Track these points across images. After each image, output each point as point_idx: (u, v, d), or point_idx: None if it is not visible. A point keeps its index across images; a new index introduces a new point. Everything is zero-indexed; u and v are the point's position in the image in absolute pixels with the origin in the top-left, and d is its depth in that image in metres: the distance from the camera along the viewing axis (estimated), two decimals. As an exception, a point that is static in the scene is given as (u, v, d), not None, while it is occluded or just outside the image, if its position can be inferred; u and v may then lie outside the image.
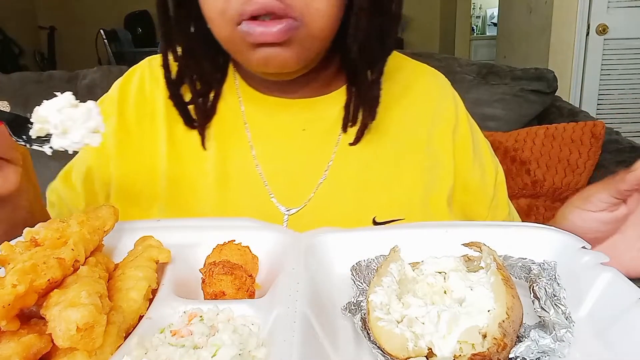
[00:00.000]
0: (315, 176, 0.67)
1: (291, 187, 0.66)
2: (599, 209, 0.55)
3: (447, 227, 0.54)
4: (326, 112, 0.69)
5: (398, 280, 0.44)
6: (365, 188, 0.67)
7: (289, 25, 0.54)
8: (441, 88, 0.76)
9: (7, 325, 0.35)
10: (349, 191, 0.66)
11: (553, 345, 0.38)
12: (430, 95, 0.74)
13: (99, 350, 0.36)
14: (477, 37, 6.50)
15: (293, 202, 0.66)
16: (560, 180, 1.64)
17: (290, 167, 0.67)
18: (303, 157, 0.68)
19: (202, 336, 0.38)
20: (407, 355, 0.37)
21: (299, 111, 0.69)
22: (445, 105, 0.74)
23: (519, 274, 0.47)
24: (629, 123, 2.95)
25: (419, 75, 0.76)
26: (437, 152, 0.71)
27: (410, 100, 0.72)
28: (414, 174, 0.68)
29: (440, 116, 0.72)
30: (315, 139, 0.68)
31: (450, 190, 0.71)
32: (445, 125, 0.72)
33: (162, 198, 0.66)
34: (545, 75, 1.78)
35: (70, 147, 0.45)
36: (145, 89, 0.72)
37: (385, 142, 0.69)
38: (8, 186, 0.52)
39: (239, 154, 0.68)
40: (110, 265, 0.46)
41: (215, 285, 0.45)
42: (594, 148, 1.63)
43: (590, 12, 2.80)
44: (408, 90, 0.73)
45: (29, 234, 0.43)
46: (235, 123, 0.69)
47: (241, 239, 0.51)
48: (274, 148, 0.68)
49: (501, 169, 0.79)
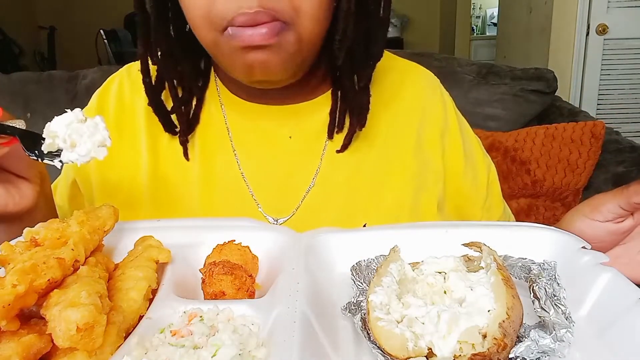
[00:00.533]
0: (302, 184, 0.65)
1: (278, 196, 0.65)
2: (606, 219, 0.55)
3: (447, 227, 0.54)
4: (312, 118, 0.68)
5: (398, 280, 0.44)
6: (354, 195, 0.66)
7: (277, 27, 0.52)
8: (429, 89, 0.74)
9: (7, 325, 0.35)
10: (337, 198, 0.65)
11: (553, 345, 0.38)
12: (419, 97, 0.72)
13: (99, 350, 0.36)
14: (477, 37, 6.51)
15: (281, 211, 0.65)
16: (560, 180, 1.64)
17: (276, 176, 0.66)
18: (290, 165, 0.66)
19: (202, 336, 0.38)
20: (407, 355, 0.37)
21: (284, 118, 0.67)
22: (434, 106, 0.73)
23: (519, 274, 0.47)
24: (629, 123, 2.95)
25: (407, 76, 0.74)
26: (426, 156, 0.70)
27: (399, 103, 0.71)
28: (403, 180, 0.67)
29: (429, 119, 0.71)
30: (301, 146, 0.67)
31: (440, 194, 0.70)
32: (434, 128, 0.71)
33: (145, 210, 0.65)
34: (545, 75, 1.78)
35: (79, 161, 0.46)
36: (124, 97, 0.70)
37: (373, 148, 0.68)
38: (25, 203, 0.54)
39: (223, 164, 0.66)
40: (110, 265, 0.46)
41: (215, 285, 0.45)
42: (594, 148, 1.63)
43: (590, 12, 2.80)
44: (397, 94, 0.72)
45: (29, 234, 0.43)
46: (218, 131, 0.67)
47: (241, 239, 0.51)
48: (259, 157, 0.66)
49: (493, 166, 0.78)
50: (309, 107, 0.68)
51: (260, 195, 0.65)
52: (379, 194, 0.66)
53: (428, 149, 0.70)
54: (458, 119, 0.75)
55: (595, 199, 0.57)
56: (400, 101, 0.71)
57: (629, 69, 2.89)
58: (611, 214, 0.54)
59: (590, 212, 0.56)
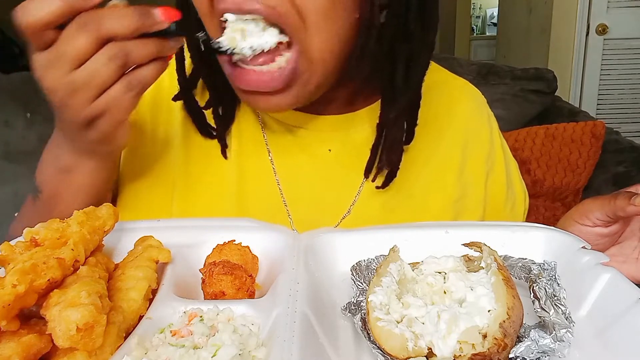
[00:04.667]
0: (339, 210, 0.63)
1: (312, 216, 0.62)
2: (596, 225, 0.56)
3: (447, 227, 0.54)
4: (353, 131, 0.64)
5: (397, 280, 0.44)
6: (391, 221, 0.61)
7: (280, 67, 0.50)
8: (478, 110, 0.71)
9: (7, 325, 0.35)
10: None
11: (553, 345, 0.38)
12: (468, 118, 0.69)
13: (99, 350, 0.36)
14: (477, 37, 6.51)
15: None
16: (560, 180, 1.64)
17: (312, 192, 0.63)
18: (328, 181, 0.63)
19: (202, 336, 0.38)
20: (407, 355, 0.37)
21: (323, 128, 0.63)
22: (481, 129, 0.69)
23: (519, 274, 0.47)
24: (629, 123, 2.95)
25: (457, 94, 0.70)
26: (468, 181, 0.67)
27: (447, 122, 0.67)
28: (443, 204, 0.65)
29: (476, 141, 0.68)
30: (342, 164, 0.63)
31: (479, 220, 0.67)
32: (480, 152, 0.68)
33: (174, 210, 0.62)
34: (545, 75, 1.78)
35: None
36: (163, 81, 0.65)
37: (414, 172, 0.64)
38: (125, 141, 0.52)
39: (258, 167, 0.63)
40: (110, 265, 0.46)
41: (215, 285, 0.45)
42: (594, 148, 1.63)
43: (590, 12, 2.81)
44: (446, 112, 0.68)
45: (29, 234, 0.43)
46: (253, 135, 0.64)
47: (241, 239, 0.51)
48: (296, 167, 0.63)
49: (527, 194, 0.75)
50: (353, 119, 0.64)
51: (293, 208, 0.63)
52: (417, 218, 0.62)
53: (471, 174, 0.67)
54: (502, 144, 0.72)
55: (584, 204, 0.58)
56: (449, 120, 0.68)
57: (629, 69, 2.90)
58: (599, 221, 0.55)
59: (579, 217, 0.57)
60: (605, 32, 2.83)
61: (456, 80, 0.73)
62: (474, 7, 6.42)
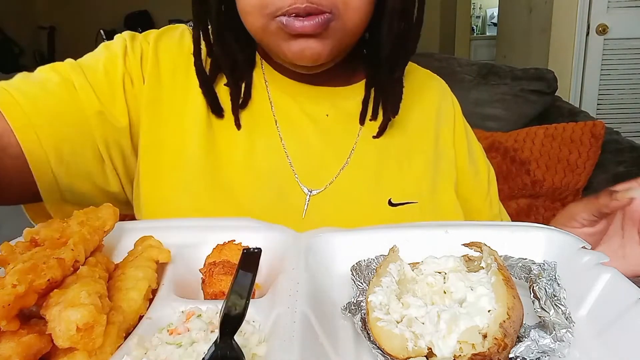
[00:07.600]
0: (338, 162, 0.72)
1: (315, 170, 0.71)
2: (583, 225, 0.65)
3: (447, 227, 0.54)
4: (346, 102, 0.75)
5: (397, 280, 0.44)
6: (382, 174, 0.72)
7: (326, 18, 0.59)
8: (443, 93, 0.84)
9: (7, 325, 0.35)
10: (367, 177, 0.72)
11: (553, 345, 0.38)
12: (436, 99, 0.82)
13: (99, 350, 0.36)
14: (477, 37, 6.51)
15: (315, 184, 0.70)
16: (560, 180, 1.64)
17: (314, 151, 0.72)
18: (326, 142, 0.72)
19: (200, 331, 0.38)
20: (407, 355, 0.37)
21: (322, 98, 0.74)
22: (447, 108, 0.82)
23: (519, 274, 0.47)
24: (629, 123, 2.95)
25: (427, 79, 0.84)
26: (441, 148, 0.79)
27: (422, 100, 0.80)
28: (423, 165, 0.75)
29: (443, 118, 0.81)
30: (337, 126, 0.74)
31: (455, 182, 0.78)
32: (447, 127, 0.81)
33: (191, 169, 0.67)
34: (545, 75, 1.78)
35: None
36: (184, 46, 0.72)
37: (401, 136, 0.76)
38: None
39: (266, 135, 0.71)
40: (110, 265, 0.46)
41: (215, 285, 0.45)
42: (593, 148, 1.63)
43: (590, 12, 2.81)
44: (420, 92, 0.81)
45: (29, 234, 0.43)
46: (262, 105, 0.72)
47: (241, 239, 0.51)
48: (299, 131, 0.72)
49: (492, 169, 0.86)
50: (345, 92, 0.76)
51: (298, 166, 0.70)
52: (403, 175, 0.74)
53: (443, 143, 0.79)
54: (464, 123, 0.84)
55: (570, 208, 0.67)
56: (423, 98, 0.81)
57: (629, 69, 2.90)
58: (586, 221, 0.64)
59: (566, 221, 0.66)
60: (605, 32, 2.83)
61: (424, 71, 0.86)
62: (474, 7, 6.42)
